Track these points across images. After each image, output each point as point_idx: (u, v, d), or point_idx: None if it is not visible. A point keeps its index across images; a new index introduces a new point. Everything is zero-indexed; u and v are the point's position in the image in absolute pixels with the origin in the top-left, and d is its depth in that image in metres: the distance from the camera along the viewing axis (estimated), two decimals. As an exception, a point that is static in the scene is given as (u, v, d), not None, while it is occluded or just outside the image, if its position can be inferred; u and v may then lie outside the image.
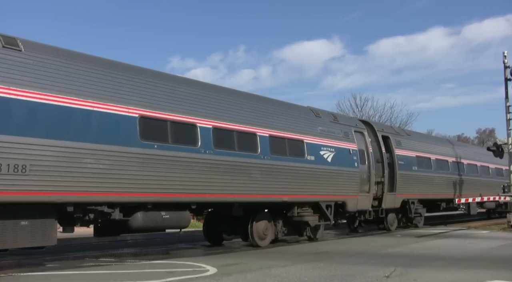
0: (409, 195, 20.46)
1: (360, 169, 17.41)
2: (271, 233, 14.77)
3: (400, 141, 20.53)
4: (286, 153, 14.43)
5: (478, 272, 8.98)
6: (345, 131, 17.16)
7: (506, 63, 21.17)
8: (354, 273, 8.78)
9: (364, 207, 17.74)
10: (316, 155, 15.45)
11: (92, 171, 9.66)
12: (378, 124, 19.99)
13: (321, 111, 16.95)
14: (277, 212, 15.12)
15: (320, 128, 16.03)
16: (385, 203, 18.99)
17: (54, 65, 9.63)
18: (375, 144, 19.23)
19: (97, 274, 9.14)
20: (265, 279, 8.26)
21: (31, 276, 8.92)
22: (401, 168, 19.92)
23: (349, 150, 16.99)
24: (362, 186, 17.55)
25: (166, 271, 9.08)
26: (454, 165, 24.51)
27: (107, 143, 9.99)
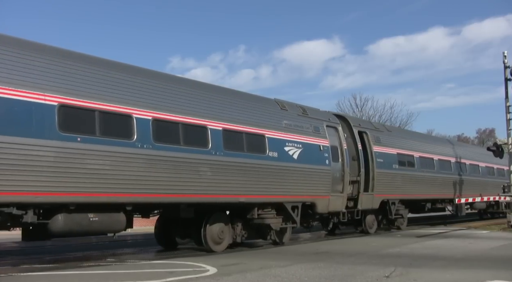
0: (389, 195, 19.06)
1: (333, 167, 16.02)
2: (228, 236, 13.38)
3: (379, 137, 19.14)
4: (243, 148, 13.03)
5: (478, 272, 8.91)
6: (315, 126, 15.76)
7: (506, 63, 20.93)
8: (354, 273, 8.72)
9: (337, 208, 16.35)
10: (280, 151, 14.06)
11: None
12: (354, 119, 18.62)
13: (288, 103, 15.55)
14: (237, 214, 13.75)
15: (286, 122, 14.63)
16: (361, 204, 17.60)
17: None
18: (351, 140, 17.85)
19: (97, 274, 9.07)
20: (265, 279, 8.21)
21: (31, 276, 8.82)
22: (380, 166, 18.53)
23: (320, 146, 15.60)
24: (335, 185, 16.16)
25: (166, 271, 9.02)
26: (441, 164, 23.10)
27: (14, 134, 8.61)
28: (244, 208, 13.61)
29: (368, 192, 17.91)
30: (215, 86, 13.54)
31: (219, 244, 13.09)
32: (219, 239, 13.05)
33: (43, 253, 11.34)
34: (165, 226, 13.96)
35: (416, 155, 21.14)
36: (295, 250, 13.54)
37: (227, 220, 13.38)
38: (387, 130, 20.30)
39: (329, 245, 14.61)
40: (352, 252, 12.40)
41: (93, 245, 15.35)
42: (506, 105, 21.13)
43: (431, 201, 22.70)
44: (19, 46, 9.33)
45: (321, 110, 17.25)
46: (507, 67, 20.96)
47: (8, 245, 14.92)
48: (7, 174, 8.48)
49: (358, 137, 17.93)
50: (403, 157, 20.25)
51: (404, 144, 20.71)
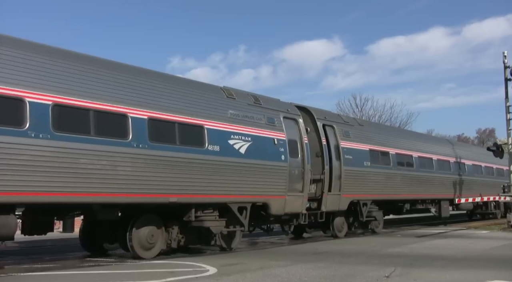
0: (360, 195, 17.35)
1: (290, 163, 14.32)
2: (161, 241, 11.70)
3: (349, 132, 17.42)
4: (175, 140, 11.33)
5: (478, 272, 8.92)
6: (269, 117, 14.05)
7: (506, 63, 20.86)
8: (354, 273, 8.70)
9: (295, 210, 14.64)
10: (223, 145, 12.36)
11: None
12: (319, 111, 16.93)
13: (237, 91, 13.83)
14: (172, 216, 12.06)
15: (232, 112, 12.92)
16: (326, 205, 15.89)
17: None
18: (315, 135, 16.15)
19: (97, 274, 9.02)
20: (265, 279, 8.19)
21: (31, 276, 8.80)
22: (349, 163, 16.83)
23: (274, 139, 13.89)
24: (293, 184, 14.45)
25: (166, 271, 8.97)
26: (422, 161, 21.37)
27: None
28: (181, 209, 11.93)
29: (334, 192, 16.20)
30: (140, 69, 11.73)
31: (149, 249, 11.42)
32: (148, 244, 11.38)
33: (43, 253, 11.32)
34: (91, 230, 12.26)
35: (392, 151, 19.42)
36: (295, 250, 13.40)
37: (159, 222, 11.69)
38: (359, 124, 18.56)
39: (329, 245, 14.48)
40: (352, 252, 12.29)
41: None
42: (506, 105, 20.96)
43: (411, 202, 20.96)
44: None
45: (280, 101, 15.54)
46: (507, 67, 20.80)
47: (8, 245, 14.59)
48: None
49: (323, 131, 16.22)
50: (377, 154, 18.54)
51: (378, 139, 18.99)
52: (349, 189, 16.73)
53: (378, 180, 18.26)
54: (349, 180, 16.72)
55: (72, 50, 10.59)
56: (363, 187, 17.47)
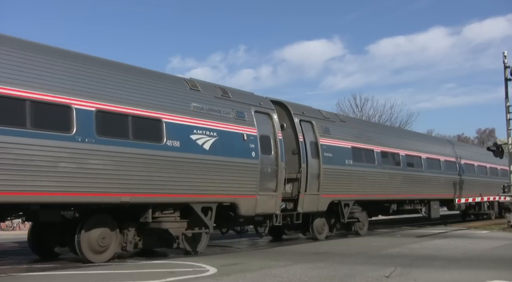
0: (340, 195, 16.42)
1: (262, 161, 13.40)
2: (114, 244, 10.78)
3: (329, 128, 16.50)
4: (128, 135, 10.42)
5: (478, 272, 8.91)
6: (238, 111, 13.14)
7: (506, 63, 20.77)
8: (354, 273, 8.70)
9: (268, 210, 13.72)
10: (184, 140, 11.45)
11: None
12: (296, 106, 16.01)
13: (203, 83, 12.92)
14: (129, 217, 11.15)
15: (195, 105, 12.00)
16: (303, 206, 14.97)
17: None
18: (291, 131, 15.24)
19: (97, 274, 8.98)
20: (265, 279, 8.18)
21: (31, 276, 8.78)
22: (328, 162, 15.90)
23: (243, 135, 12.97)
24: (265, 182, 13.55)
25: (166, 271, 8.94)
26: (409, 160, 20.43)
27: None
28: (138, 210, 11.02)
29: (312, 192, 15.27)
30: (88, 56, 10.70)
31: (100, 253, 10.50)
32: (100, 247, 10.46)
33: None
34: (41, 232, 11.36)
35: (376, 149, 18.49)
36: (295, 250, 13.36)
37: (112, 224, 10.78)
38: (340, 121, 17.61)
39: (329, 245, 14.43)
40: (352, 252, 12.24)
41: None
42: (506, 105, 20.82)
43: (398, 202, 20.02)
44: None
45: (253, 94, 14.62)
46: (507, 67, 20.70)
47: (8, 245, 14.42)
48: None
49: (300, 128, 15.31)
50: (360, 152, 17.61)
51: (362, 136, 18.07)
52: (328, 188, 15.81)
53: (361, 179, 17.33)
54: (328, 179, 15.80)
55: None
56: (344, 186, 16.54)
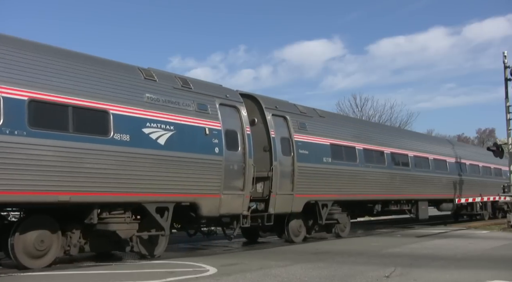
0: (318, 195, 15.40)
1: (227, 157, 12.42)
2: (56, 247, 9.80)
3: (305, 124, 15.49)
4: (67, 127, 9.44)
5: (478, 272, 8.94)
6: (200, 103, 12.15)
7: (506, 63, 20.71)
8: (354, 273, 8.73)
9: (234, 211, 12.74)
10: (135, 134, 10.46)
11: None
12: (269, 99, 15.03)
13: (161, 73, 11.91)
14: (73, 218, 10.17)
15: (150, 96, 11.01)
16: (275, 206, 13.95)
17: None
18: (263, 126, 14.26)
19: (97, 274, 8.99)
20: (265, 279, 8.21)
21: (31, 276, 8.72)
22: (304, 159, 14.90)
23: (205, 129, 11.98)
24: (231, 180, 12.57)
25: (166, 271, 8.92)
26: (395, 158, 19.41)
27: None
28: (83, 210, 10.04)
29: (285, 191, 14.26)
30: (20, 40, 9.59)
31: (39, 258, 9.52)
32: (37, 251, 9.48)
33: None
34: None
35: (358, 146, 17.47)
36: (295, 250, 13.27)
37: (53, 225, 9.79)
38: (319, 116, 16.58)
39: (329, 245, 14.42)
40: (352, 252, 12.22)
41: None
42: (506, 105, 20.74)
43: (382, 203, 19.01)
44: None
45: (221, 86, 13.63)
46: (507, 67, 20.64)
47: None
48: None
49: (272, 123, 14.32)
50: (340, 149, 16.59)
51: (343, 133, 17.04)
52: (304, 188, 14.81)
53: (341, 178, 16.32)
54: (303, 178, 14.79)
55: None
56: (322, 186, 15.53)
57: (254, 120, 14.25)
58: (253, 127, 14.11)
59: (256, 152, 13.84)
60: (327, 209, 15.82)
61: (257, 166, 13.64)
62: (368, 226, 22.47)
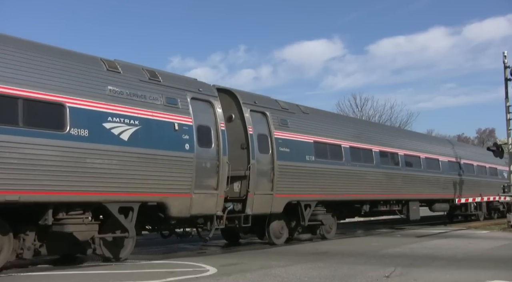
0: (300, 195, 14.70)
1: (199, 154, 11.73)
2: (6, 251, 9.09)
3: (286, 120, 14.79)
4: (17, 121, 8.73)
5: (478, 272, 8.92)
6: (169, 97, 11.45)
7: (506, 63, 20.70)
8: (354, 273, 8.71)
9: (207, 211, 12.04)
10: (95, 128, 9.76)
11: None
12: (247, 94, 14.21)
13: (126, 65, 11.18)
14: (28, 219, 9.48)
15: (113, 89, 10.31)
16: (252, 207, 13.25)
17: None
18: (240, 122, 13.57)
19: (97, 274, 9.03)
20: (265, 279, 8.19)
21: (31, 276, 8.77)
22: (285, 157, 14.21)
23: (174, 124, 11.29)
24: (203, 179, 11.87)
25: (166, 271, 8.94)
26: (383, 156, 18.69)
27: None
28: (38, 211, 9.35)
29: (264, 191, 13.56)
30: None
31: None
32: (-18, 254, 8.79)
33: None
34: None
35: (344, 144, 16.77)
36: (295, 250, 13.32)
37: (3, 227, 9.09)
38: (302, 112, 15.86)
39: (329, 245, 14.38)
40: (352, 252, 12.22)
41: None
42: (506, 105, 20.74)
43: (370, 203, 18.29)
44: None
45: (193, 79, 12.93)
46: (507, 67, 20.61)
47: None
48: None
49: (250, 119, 13.62)
50: (324, 147, 15.89)
51: (328, 130, 16.33)
52: (285, 187, 14.11)
53: (325, 178, 15.61)
54: (284, 177, 14.09)
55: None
56: (304, 185, 14.82)
57: (231, 116, 13.58)
58: (230, 124, 13.47)
59: (233, 149, 13.19)
60: (310, 209, 15.13)
61: (235, 165, 12.98)
62: (368, 226, 22.31)
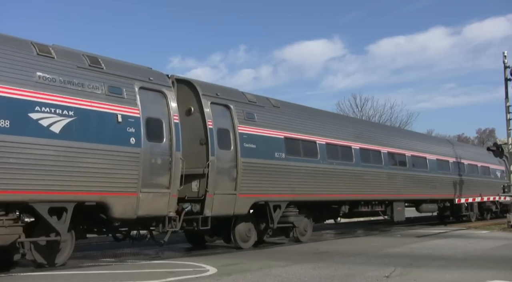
0: (268, 195, 13.58)
1: (147, 149, 10.66)
2: None
3: (253, 114, 13.68)
4: None
5: (478, 272, 8.93)
6: (113, 85, 10.36)
7: (506, 63, 20.68)
8: (354, 273, 8.70)
9: (156, 212, 10.94)
10: (19, 119, 8.69)
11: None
12: (208, 85, 13.15)
13: (62, 49, 10.06)
14: None
15: (43, 76, 9.22)
16: (212, 208, 12.13)
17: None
18: (199, 115, 12.49)
19: (97, 274, 9.00)
20: (265, 279, 8.18)
21: (31, 276, 8.71)
22: (250, 154, 13.10)
23: (117, 115, 10.20)
24: (152, 176, 10.80)
25: (166, 271, 8.91)
26: (364, 154, 17.55)
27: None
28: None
29: (226, 191, 12.44)
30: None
31: None
32: None
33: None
34: None
35: (320, 141, 15.64)
36: (295, 250, 13.27)
37: None
38: (273, 106, 14.72)
39: (329, 245, 14.40)
40: (352, 252, 12.19)
41: (93, 245, 14.30)
42: (506, 105, 20.73)
43: (350, 203, 17.16)
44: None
45: (146, 68, 11.82)
46: (507, 67, 20.60)
47: None
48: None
49: (211, 112, 12.52)
50: (297, 143, 14.78)
51: (301, 125, 15.20)
52: (250, 187, 13.00)
53: (298, 176, 14.47)
54: (249, 175, 12.98)
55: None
56: (273, 184, 13.70)
57: (191, 109, 12.52)
58: (189, 117, 12.45)
59: (192, 145, 12.20)
60: (280, 210, 14.02)
61: (193, 162, 11.99)
62: (368, 226, 22.21)
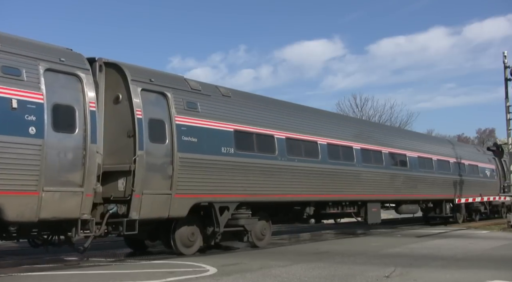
0: (212, 195, 11.98)
1: (52, 141, 9.10)
2: None
3: (196, 103, 12.06)
4: None
5: (478, 272, 8.94)
6: (7, 65, 8.65)
7: (506, 63, 20.75)
8: (354, 273, 8.70)
9: (66, 214, 9.33)
10: None
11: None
12: (140, 69, 11.47)
13: None
14: None
15: None
16: (139, 209, 10.51)
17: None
18: (128, 103, 10.90)
19: (97, 274, 8.97)
20: (265, 279, 8.17)
21: (31, 276, 8.69)
22: (190, 149, 11.50)
23: (11, 100, 8.54)
24: (59, 172, 9.25)
25: (166, 271, 8.89)
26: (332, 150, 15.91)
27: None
28: None
29: (158, 190, 10.82)
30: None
31: None
32: None
33: (43, 253, 10.94)
34: None
35: (279, 135, 14.01)
36: (295, 250, 13.32)
37: None
38: (222, 95, 13.05)
39: (329, 245, 14.38)
40: (352, 252, 12.19)
41: (93, 245, 13.65)
42: (506, 105, 20.81)
43: (316, 205, 15.55)
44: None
45: (54, 47, 10.10)
46: (507, 67, 20.65)
47: (8, 245, 14.07)
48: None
49: (141, 100, 10.92)
50: (249, 137, 13.16)
51: (254, 117, 13.56)
52: (190, 185, 11.39)
53: (250, 174, 12.86)
54: (189, 172, 11.39)
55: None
56: (219, 183, 12.08)
57: (118, 97, 10.92)
58: (116, 106, 10.94)
59: (119, 138, 10.66)
60: (228, 212, 12.43)
61: (120, 157, 10.55)
62: (368, 226, 21.51)
